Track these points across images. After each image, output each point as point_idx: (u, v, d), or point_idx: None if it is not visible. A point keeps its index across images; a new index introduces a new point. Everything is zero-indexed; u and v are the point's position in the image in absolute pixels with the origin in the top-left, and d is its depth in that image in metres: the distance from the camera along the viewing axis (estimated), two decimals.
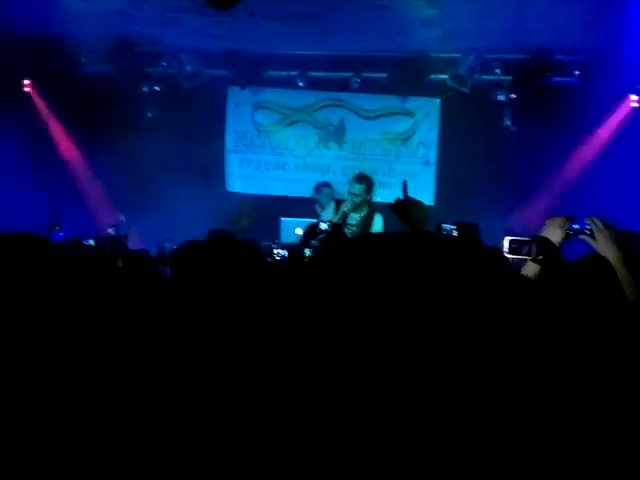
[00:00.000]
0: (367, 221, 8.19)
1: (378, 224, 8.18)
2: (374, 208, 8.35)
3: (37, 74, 9.99)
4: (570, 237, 3.49)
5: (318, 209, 8.96)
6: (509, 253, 3.49)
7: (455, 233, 4.80)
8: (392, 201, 3.67)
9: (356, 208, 8.19)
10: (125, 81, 9.78)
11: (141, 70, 10.10)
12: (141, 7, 8.09)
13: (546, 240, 3.42)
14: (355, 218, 8.18)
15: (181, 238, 5.37)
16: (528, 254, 3.42)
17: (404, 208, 3.56)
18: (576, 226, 3.49)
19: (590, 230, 3.45)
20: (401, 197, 3.76)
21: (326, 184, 9.46)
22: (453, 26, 8.01)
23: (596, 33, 8.09)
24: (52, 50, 9.24)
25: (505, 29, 8.10)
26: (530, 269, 3.48)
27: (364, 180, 8.44)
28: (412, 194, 4.42)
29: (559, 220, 3.52)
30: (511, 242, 3.51)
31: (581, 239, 3.42)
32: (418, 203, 3.54)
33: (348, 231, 7.76)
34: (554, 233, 3.49)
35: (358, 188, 8.25)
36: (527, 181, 9.20)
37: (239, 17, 7.52)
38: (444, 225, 4.76)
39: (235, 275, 3.16)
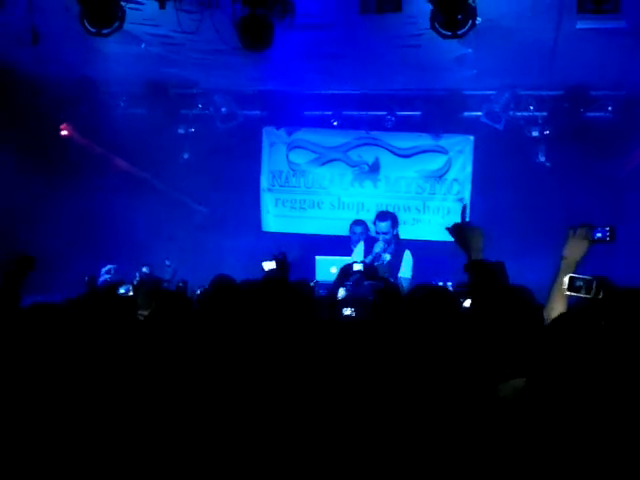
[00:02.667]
0: (396, 259, 8.14)
1: (408, 261, 8.14)
2: (402, 245, 8.32)
3: (75, 117, 10.13)
4: (593, 244, 3.60)
5: (352, 247, 8.94)
6: (569, 290, 3.46)
7: None
8: (449, 225, 3.64)
9: (387, 247, 8.15)
10: (161, 123, 9.92)
11: (177, 112, 10.23)
12: (177, 50, 8.20)
13: (605, 279, 3.46)
14: (386, 257, 8.15)
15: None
16: (588, 292, 3.40)
17: (460, 232, 3.53)
18: (599, 234, 3.59)
19: (610, 237, 3.53)
20: (459, 221, 3.73)
21: (360, 222, 9.46)
22: (487, 64, 8.01)
23: (631, 68, 8.06)
24: (89, 94, 9.38)
25: (539, 66, 8.08)
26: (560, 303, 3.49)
27: (387, 216, 8.42)
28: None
29: (583, 230, 3.62)
30: (572, 279, 3.47)
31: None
32: (475, 229, 3.50)
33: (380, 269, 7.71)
34: (580, 243, 3.60)
35: (385, 225, 8.21)
36: (562, 217, 9.11)
37: (273, 58, 7.60)
38: None
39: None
